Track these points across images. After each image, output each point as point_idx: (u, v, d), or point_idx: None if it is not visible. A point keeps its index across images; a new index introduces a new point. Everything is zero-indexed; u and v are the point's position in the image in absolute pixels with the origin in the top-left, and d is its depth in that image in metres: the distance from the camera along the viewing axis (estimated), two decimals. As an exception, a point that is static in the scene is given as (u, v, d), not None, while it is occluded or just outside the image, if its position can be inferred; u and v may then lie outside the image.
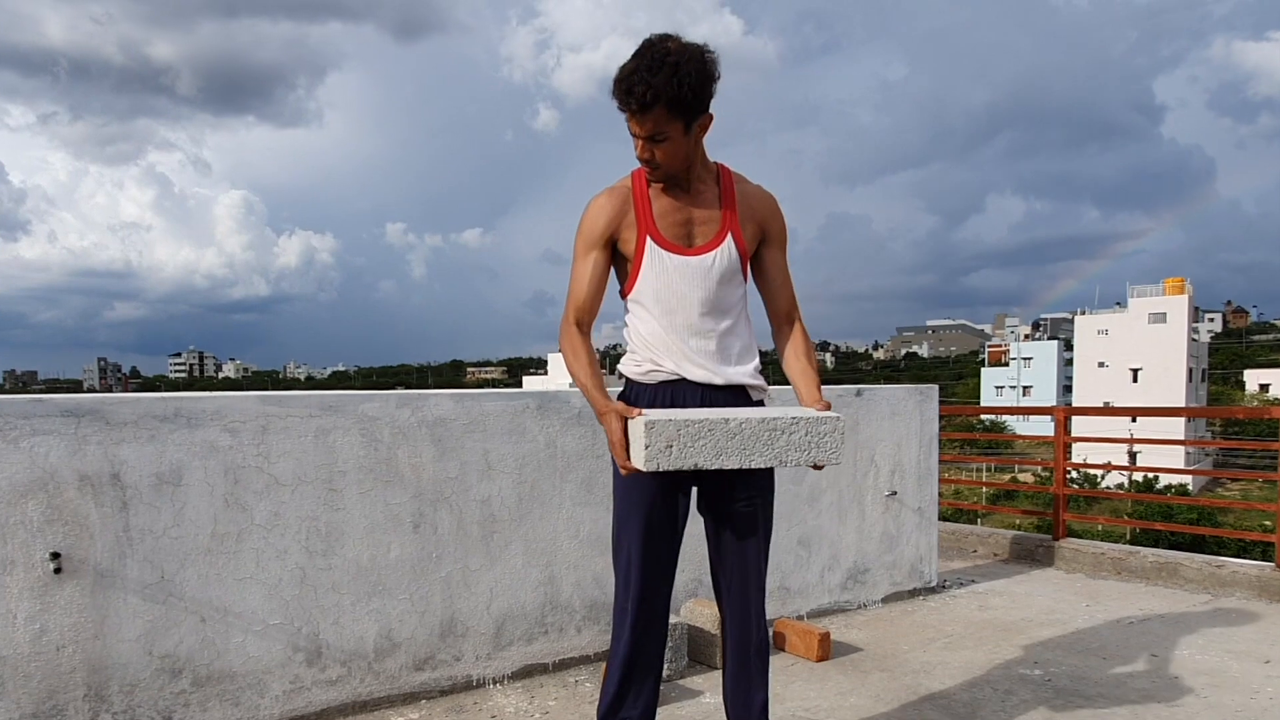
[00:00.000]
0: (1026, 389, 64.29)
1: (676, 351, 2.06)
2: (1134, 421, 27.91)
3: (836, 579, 4.11)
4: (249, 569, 2.69)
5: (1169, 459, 27.66)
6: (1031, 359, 66.52)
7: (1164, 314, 51.69)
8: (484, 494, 3.11)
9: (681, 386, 2.07)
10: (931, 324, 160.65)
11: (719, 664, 2.98)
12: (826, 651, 3.45)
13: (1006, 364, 71.94)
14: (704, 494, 2.14)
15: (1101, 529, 20.20)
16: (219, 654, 2.64)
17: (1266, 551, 16.99)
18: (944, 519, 5.36)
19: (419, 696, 2.99)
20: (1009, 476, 34.98)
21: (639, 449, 1.82)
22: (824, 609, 4.06)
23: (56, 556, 2.41)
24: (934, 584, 4.49)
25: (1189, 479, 37.76)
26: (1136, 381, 51.20)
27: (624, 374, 2.16)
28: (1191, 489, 36.46)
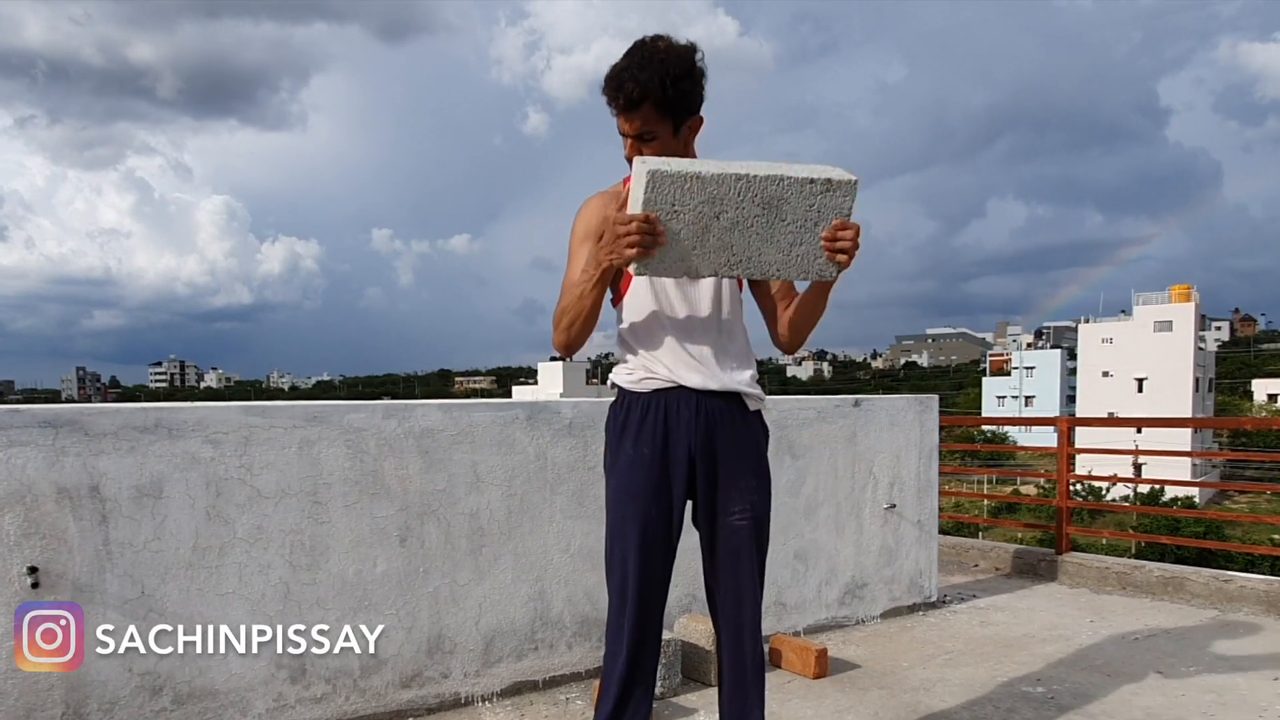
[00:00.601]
0: (1029, 399, 63.95)
1: (671, 358, 2.02)
2: (1139, 432, 27.79)
3: (834, 594, 4.04)
4: (231, 583, 2.64)
5: (1175, 471, 27.57)
6: (1034, 368, 66.23)
7: (1170, 322, 51.33)
8: (472, 507, 3.06)
9: (676, 393, 2.03)
10: (931, 332, 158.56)
11: (714, 681, 2.92)
12: (824, 668, 3.39)
13: (1008, 373, 71.69)
14: (698, 506, 2.10)
15: (1106, 542, 20.06)
16: (200, 671, 2.59)
17: (1275, 565, 16.88)
18: (944, 532, 5.30)
19: (406, 714, 2.93)
20: (1011, 489, 34.79)
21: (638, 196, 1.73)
22: (821, 624, 4.00)
23: (34, 571, 2.37)
24: (934, 599, 4.42)
25: (1195, 491, 37.58)
26: (1142, 391, 50.91)
27: (616, 384, 2.11)
28: (1198, 501, 36.26)
